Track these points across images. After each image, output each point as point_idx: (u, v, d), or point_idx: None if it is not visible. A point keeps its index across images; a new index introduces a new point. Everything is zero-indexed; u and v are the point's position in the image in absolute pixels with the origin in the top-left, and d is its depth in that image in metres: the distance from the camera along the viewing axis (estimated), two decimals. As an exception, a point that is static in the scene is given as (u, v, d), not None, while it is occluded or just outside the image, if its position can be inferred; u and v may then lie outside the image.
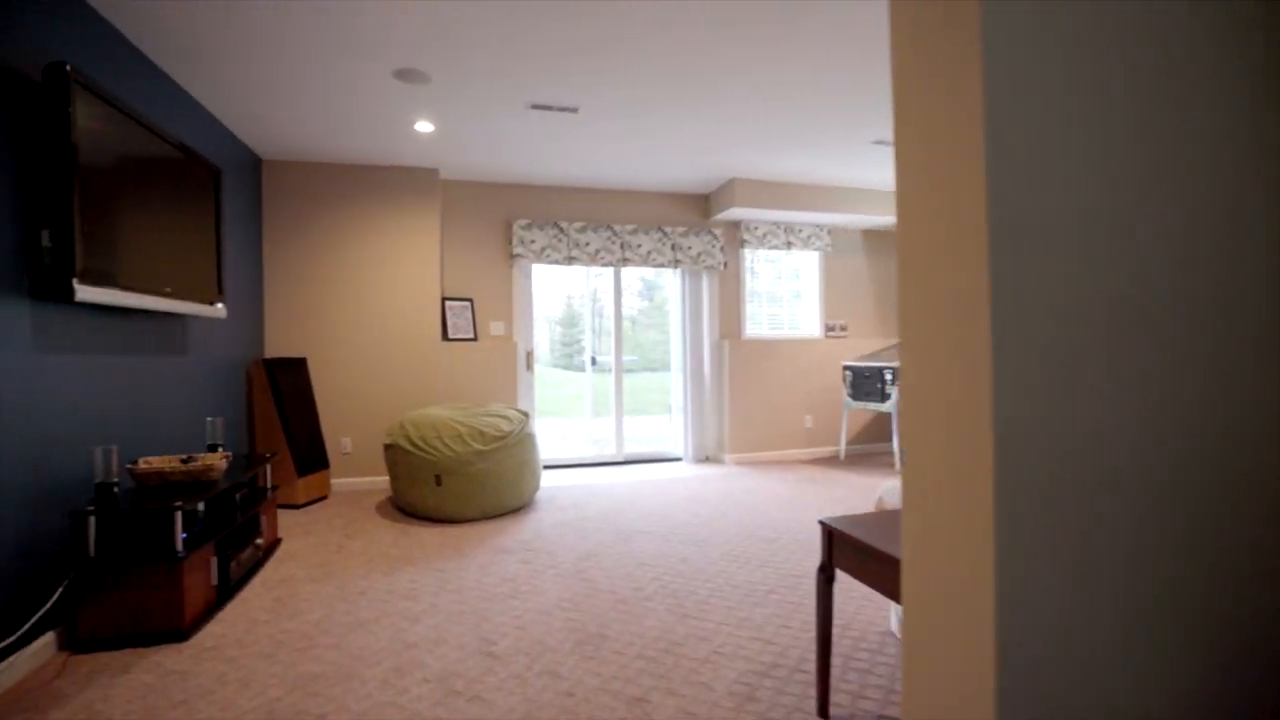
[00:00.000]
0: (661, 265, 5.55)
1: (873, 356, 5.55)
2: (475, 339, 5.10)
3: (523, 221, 5.21)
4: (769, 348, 5.77)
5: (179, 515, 2.28)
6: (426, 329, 4.84)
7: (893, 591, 1.49)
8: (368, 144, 4.23)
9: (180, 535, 2.29)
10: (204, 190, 3.18)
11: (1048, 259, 0.86)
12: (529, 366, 5.38)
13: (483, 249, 5.22)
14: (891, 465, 5.42)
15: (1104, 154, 0.89)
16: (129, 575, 2.22)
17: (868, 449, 6.17)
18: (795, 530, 3.57)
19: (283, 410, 4.09)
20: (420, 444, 3.75)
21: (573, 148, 4.36)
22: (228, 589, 2.62)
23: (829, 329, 6.24)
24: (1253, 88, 0.98)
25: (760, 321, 6.09)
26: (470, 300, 5.14)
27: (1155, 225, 0.93)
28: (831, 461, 5.66)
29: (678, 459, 5.84)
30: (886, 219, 5.82)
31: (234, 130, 3.94)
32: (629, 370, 6.04)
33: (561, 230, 5.30)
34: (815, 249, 6.05)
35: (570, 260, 5.29)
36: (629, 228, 5.49)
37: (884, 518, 1.78)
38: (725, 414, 5.68)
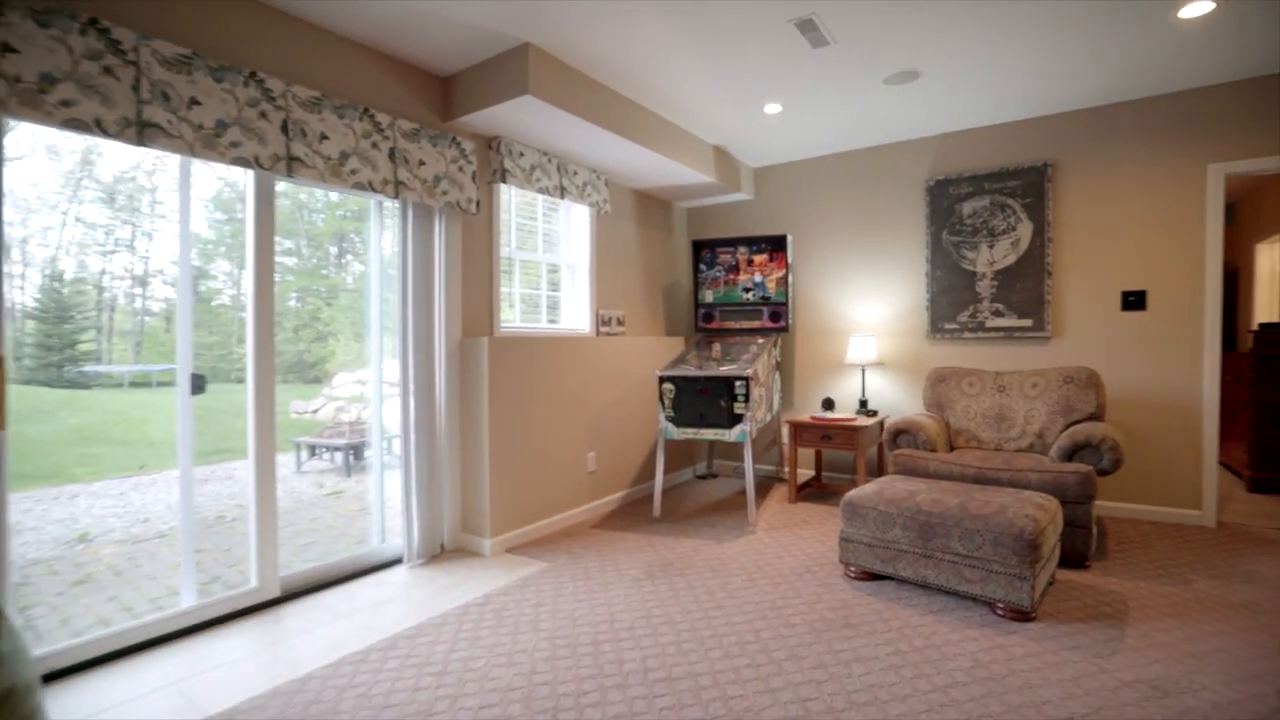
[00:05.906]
0: (367, 188, 2.79)
1: (683, 363, 3.92)
2: None
3: (-22, -8, 1.81)
4: (536, 350, 3.55)
5: None
6: None
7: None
8: None
9: None
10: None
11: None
12: None
13: None
14: (743, 527, 3.87)
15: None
16: None
17: (650, 490, 4.53)
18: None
19: None
20: None
21: None
22: None
23: (603, 322, 4.35)
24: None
25: (512, 307, 3.81)
26: None
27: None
28: (643, 521, 3.78)
29: (393, 561, 3.11)
30: (684, 178, 4.21)
31: None
32: (140, 384, 2.95)
33: (120, 53, 2.07)
34: (589, 203, 4.08)
35: (145, 130, 2.11)
36: (307, 94, 2.57)
37: None
38: (484, 466, 3.24)
